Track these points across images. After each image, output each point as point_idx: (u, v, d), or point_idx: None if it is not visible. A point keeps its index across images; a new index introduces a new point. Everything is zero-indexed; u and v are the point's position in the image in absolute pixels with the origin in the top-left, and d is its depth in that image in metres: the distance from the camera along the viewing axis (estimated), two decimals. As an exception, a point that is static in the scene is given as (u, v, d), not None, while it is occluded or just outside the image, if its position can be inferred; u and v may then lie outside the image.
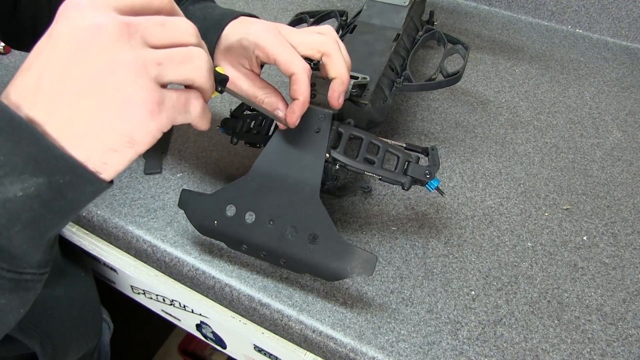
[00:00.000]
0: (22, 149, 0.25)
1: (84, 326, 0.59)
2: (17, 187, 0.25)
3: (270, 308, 0.46)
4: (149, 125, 0.27)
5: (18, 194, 0.25)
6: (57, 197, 0.26)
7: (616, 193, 0.58)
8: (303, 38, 0.41)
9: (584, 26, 0.85)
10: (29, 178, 0.25)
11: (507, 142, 0.64)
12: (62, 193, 0.26)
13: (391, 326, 0.44)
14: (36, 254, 0.28)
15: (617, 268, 0.50)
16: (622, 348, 0.44)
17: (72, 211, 0.28)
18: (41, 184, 0.26)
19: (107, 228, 0.53)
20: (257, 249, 0.44)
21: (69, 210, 0.28)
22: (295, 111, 0.41)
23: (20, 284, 0.28)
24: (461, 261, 0.50)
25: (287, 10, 0.86)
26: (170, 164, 0.58)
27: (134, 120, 0.27)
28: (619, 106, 0.71)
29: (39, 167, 0.25)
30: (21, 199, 0.25)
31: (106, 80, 0.26)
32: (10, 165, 0.25)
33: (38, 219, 0.26)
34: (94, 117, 0.26)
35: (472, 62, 0.77)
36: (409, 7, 0.63)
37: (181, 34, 0.29)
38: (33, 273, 0.28)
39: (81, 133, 0.26)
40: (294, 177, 0.44)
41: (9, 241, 0.26)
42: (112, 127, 0.26)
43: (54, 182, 0.26)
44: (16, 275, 0.27)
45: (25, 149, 0.25)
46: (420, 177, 0.44)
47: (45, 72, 0.26)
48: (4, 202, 0.25)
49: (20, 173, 0.25)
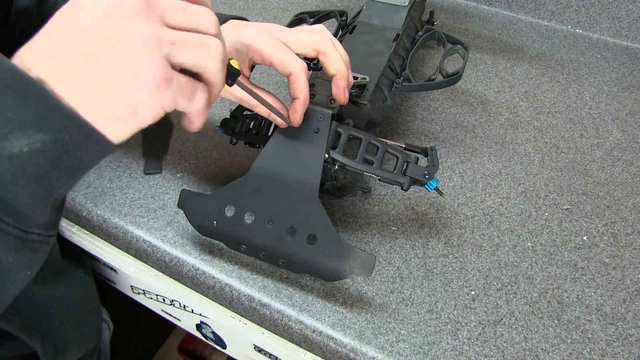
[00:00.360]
0: (29, 105, 0.25)
1: (84, 326, 0.59)
2: (22, 143, 0.25)
3: (270, 308, 0.46)
4: (153, 100, 0.28)
5: (24, 149, 0.25)
6: (63, 154, 0.27)
7: (616, 193, 0.58)
8: (296, 37, 0.42)
9: (584, 26, 0.85)
10: (35, 134, 0.25)
11: (507, 142, 0.64)
12: (68, 150, 0.27)
13: (391, 326, 0.44)
14: (42, 213, 0.28)
15: (617, 268, 0.50)
16: (622, 348, 0.44)
17: (78, 170, 0.28)
18: (47, 140, 0.26)
19: (107, 228, 0.53)
20: (256, 249, 0.44)
21: (75, 169, 0.28)
22: (298, 110, 0.42)
23: (26, 243, 0.28)
24: (461, 261, 0.50)
25: (287, 10, 0.86)
26: (170, 164, 0.58)
27: (140, 92, 0.27)
28: (619, 106, 0.71)
29: (46, 124, 0.26)
30: (27, 155, 0.25)
31: (120, 50, 0.27)
32: (17, 121, 0.25)
33: (43, 175, 0.26)
34: (104, 83, 0.27)
35: (472, 62, 0.77)
36: (409, 7, 0.63)
37: (200, 22, 0.30)
38: (39, 234, 0.28)
39: (89, 97, 0.27)
40: (293, 177, 0.44)
41: (14, 196, 0.26)
42: (118, 95, 0.27)
43: (60, 138, 0.26)
44: (22, 234, 0.27)
45: (33, 105, 0.25)
46: (420, 178, 0.44)
47: (62, 38, 0.27)
48: (10, 157, 0.25)
49: (26, 129, 0.25)
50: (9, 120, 0.25)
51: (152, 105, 0.28)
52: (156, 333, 1.26)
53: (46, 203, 0.28)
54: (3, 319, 0.45)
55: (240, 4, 0.88)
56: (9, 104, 0.25)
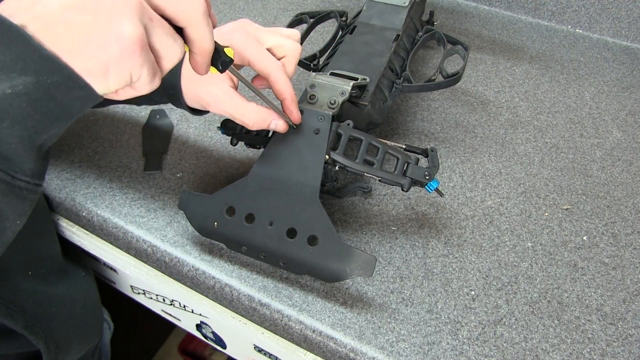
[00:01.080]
0: (10, 49, 0.26)
1: (85, 325, 0.60)
2: (5, 85, 0.26)
3: (270, 308, 0.46)
4: (125, 62, 0.28)
5: (7, 91, 0.26)
6: (46, 97, 0.27)
7: (616, 193, 0.58)
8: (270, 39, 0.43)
9: (584, 26, 0.85)
10: (17, 77, 0.26)
11: (507, 142, 0.64)
12: (50, 93, 0.27)
13: (391, 326, 0.44)
14: (27, 159, 0.29)
15: (617, 268, 0.50)
16: (622, 348, 0.44)
17: (61, 116, 0.29)
18: (29, 83, 0.26)
19: (107, 228, 0.53)
20: (256, 250, 0.44)
21: (58, 115, 0.29)
22: (292, 110, 0.43)
23: (13, 189, 0.28)
24: (461, 261, 0.50)
25: (287, 10, 0.86)
26: (170, 164, 0.58)
27: (115, 51, 0.28)
28: (619, 106, 0.71)
29: (27, 67, 0.26)
30: (9, 96, 0.26)
31: (103, 6, 0.27)
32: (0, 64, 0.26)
33: (26, 117, 0.27)
34: (82, 36, 0.27)
35: (472, 62, 0.77)
36: (409, 8, 0.63)
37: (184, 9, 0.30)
38: (27, 182, 0.29)
39: (67, 47, 0.27)
40: (293, 178, 0.44)
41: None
42: (95, 50, 0.28)
43: (41, 81, 0.27)
44: (9, 178, 0.28)
45: (14, 49, 0.26)
46: (420, 179, 0.44)
47: None
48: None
49: (9, 72, 0.26)
50: None
51: (123, 67, 0.28)
52: (156, 333, 1.26)
53: (31, 148, 0.28)
54: (8, 317, 0.45)
55: (240, 4, 0.88)
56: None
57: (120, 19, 0.27)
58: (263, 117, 0.43)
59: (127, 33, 0.27)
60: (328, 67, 0.55)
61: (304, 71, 0.62)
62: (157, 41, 0.30)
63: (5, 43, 0.26)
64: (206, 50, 0.32)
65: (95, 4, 0.27)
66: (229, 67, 0.35)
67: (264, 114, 0.43)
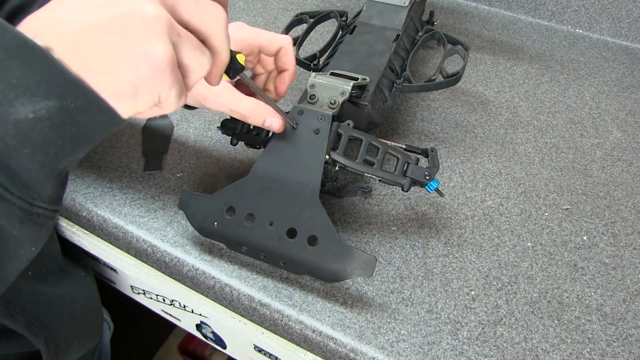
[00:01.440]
0: (34, 71, 0.25)
1: (85, 325, 0.60)
2: (28, 109, 0.25)
3: (270, 308, 0.46)
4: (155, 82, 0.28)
5: (29, 115, 0.25)
6: (68, 122, 0.26)
7: (616, 193, 0.58)
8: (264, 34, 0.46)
9: (584, 26, 0.85)
10: (41, 100, 0.25)
11: (507, 142, 0.64)
12: (73, 118, 0.26)
13: (391, 326, 0.44)
14: (47, 185, 0.28)
15: (617, 268, 0.50)
16: (622, 348, 0.44)
17: (83, 141, 0.28)
18: (52, 107, 0.26)
19: (107, 228, 0.53)
20: (257, 250, 0.44)
21: (80, 140, 0.28)
22: (286, 81, 0.45)
23: (31, 216, 0.27)
24: (461, 261, 0.50)
25: (287, 10, 0.86)
26: (170, 164, 0.58)
27: (145, 72, 0.27)
28: (619, 106, 0.71)
29: (51, 90, 0.25)
30: (32, 121, 0.25)
31: (132, 27, 0.27)
32: (22, 87, 0.25)
33: (48, 143, 0.26)
34: (111, 57, 0.27)
35: (472, 62, 0.77)
36: (409, 8, 0.63)
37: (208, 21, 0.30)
38: (44, 208, 0.28)
39: (95, 70, 0.27)
40: (293, 178, 0.44)
41: (19, 164, 0.26)
42: (124, 72, 0.27)
43: (65, 105, 0.26)
44: (27, 206, 0.27)
45: (38, 72, 0.25)
46: (420, 179, 0.44)
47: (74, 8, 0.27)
48: (15, 123, 0.25)
49: (31, 95, 0.25)
50: (14, 86, 0.25)
51: (153, 87, 0.28)
52: (156, 333, 1.26)
53: (51, 174, 0.28)
54: (8, 317, 0.45)
55: (240, 3, 0.88)
56: (14, 70, 0.25)
57: (150, 38, 0.27)
58: (260, 110, 0.43)
59: (157, 53, 0.27)
60: (328, 67, 0.55)
61: (304, 71, 0.61)
62: (185, 57, 0.29)
63: (29, 65, 0.25)
64: (223, 61, 0.32)
65: (124, 22, 0.27)
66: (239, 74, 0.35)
67: (261, 108, 0.43)
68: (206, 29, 0.30)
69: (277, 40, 0.45)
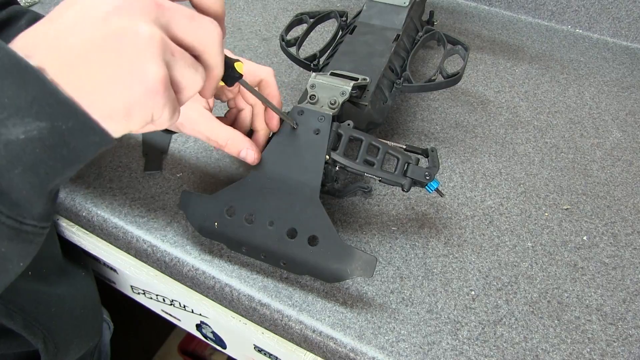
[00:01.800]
0: (27, 91, 0.25)
1: (85, 325, 0.60)
2: (19, 130, 0.25)
3: (270, 308, 0.46)
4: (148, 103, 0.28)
5: (20, 136, 0.25)
6: (60, 143, 0.26)
7: (616, 193, 0.58)
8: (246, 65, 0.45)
9: (584, 26, 0.85)
10: (32, 122, 0.25)
11: (507, 142, 0.64)
12: (64, 139, 0.26)
13: (391, 326, 0.44)
14: (37, 204, 0.28)
15: (617, 268, 0.50)
16: (622, 348, 0.44)
17: (74, 161, 0.28)
18: (43, 128, 0.25)
19: (107, 228, 0.53)
20: (257, 250, 0.44)
21: (72, 160, 0.28)
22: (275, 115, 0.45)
23: (20, 234, 0.27)
24: (461, 261, 0.50)
25: (287, 10, 0.86)
26: (170, 164, 0.58)
27: (138, 92, 0.27)
28: (619, 106, 0.71)
29: (43, 111, 0.25)
30: (23, 142, 0.25)
31: (125, 47, 0.27)
32: (14, 107, 0.25)
33: (39, 163, 0.26)
34: (105, 78, 0.27)
35: (472, 62, 0.77)
36: (409, 8, 0.63)
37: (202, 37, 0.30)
38: (34, 225, 0.28)
39: (88, 90, 0.26)
40: (294, 178, 0.44)
41: (9, 184, 0.26)
42: (117, 92, 0.27)
43: (56, 127, 0.26)
44: (16, 224, 0.27)
45: (30, 92, 0.25)
46: (420, 179, 0.44)
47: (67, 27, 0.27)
48: (6, 144, 0.25)
49: (23, 116, 0.25)
50: (6, 106, 0.25)
51: (146, 108, 0.28)
52: (156, 333, 1.26)
53: (41, 193, 0.28)
54: (7, 317, 0.45)
55: (240, 3, 0.88)
56: (6, 89, 0.25)
57: (143, 59, 0.27)
58: (237, 141, 0.44)
59: (151, 74, 0.27)
60: (328, 67, 0.55)
61: (304, 71, 0.62)
62: (179, 74, 0.29)
63: (21, 85, 0.25)
64: (217, 76, 0.32)
65: (117, 42, 0.26)
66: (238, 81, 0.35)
67: (239, 139, 0.44)
68: (199, 45, 0.30)
69: (257, 72, 0.45)
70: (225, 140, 0.43)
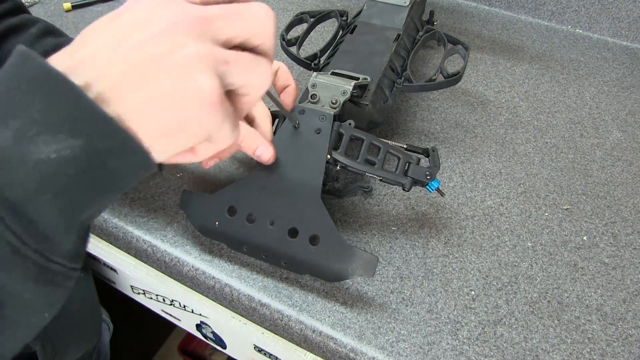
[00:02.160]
0: (60, 106, 0.23)
1: (83, 326, 0.59)
2: (51, 149, 0.23)
3: (270, 308, 0.46)
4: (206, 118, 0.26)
5: (51, 155, 0.23)
6: (96, 164, 0.24)
7: (616, 193, 0.58)
8: None
9: (584, 26, 0.85)
10: (65, 139, 0.23)
11: (507, 142, 0.64)
12: (101, 160, 0.24)
13: (391, 326, 0.44)
14: (67, 239, 0.25)
15: (617, 268, 0.50)
16: (622, 348, 0.44)
17: (111, 188, 0.25)
18: (77, 147, 0.23)
19: (107, 228, 0.53)
20: (258, 250, 0.44)
21: (108, 186, 0.25)
22: (292, 94, 0.47)
23: (47, 274, 0.24)
24: (461, 261, 0.50)
25: (287, 10, 0.86)
26: (170, 164, 0.58)
27: (195, 108, 0.25)
28: (619, 106, 0.71)
29: (77, 127, 0.23)
30: (55, 162, 0.23)
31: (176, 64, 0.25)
32: (46, 123, 0.23)
33: (72, 187, 0.24)
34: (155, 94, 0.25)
35: (472, 62, 0.77)
36: (409, 8, 0.63)
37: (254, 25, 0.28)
38: (62, 265, 0.25)
39: (137, 107, 0.25)
40: (295, 178, 0.44)
41: (37, 212, 0.23)
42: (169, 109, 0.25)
43: (92, 145, 0.23)
44: (43, 261, 0.24)
45: (64, 106, 0.23)
46: (421, 178, 0.44)
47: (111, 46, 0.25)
48: (36, 164, 0.22)
49: (55, 133, 0.23)
50: (36, 122, 0.23)
51: (202, 122, 0.26)
52: (156, 333, 1.26)
53: (72, 225, 0.25)
54: None
55: (240, 3, 0.87)
56: (37, 104, 0.23)
57: (194, 73, 0.25)
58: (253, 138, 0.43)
59: (204, 86, 0.25)
60: (329, 67, 0.55)
61: (305, 71, 0.62)
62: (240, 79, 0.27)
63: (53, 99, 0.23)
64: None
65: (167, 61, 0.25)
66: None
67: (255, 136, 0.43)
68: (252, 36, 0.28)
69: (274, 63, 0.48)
70: (241, 137, 0.42)
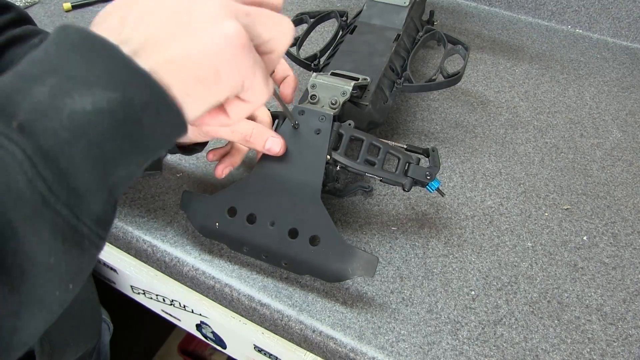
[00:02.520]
0: (96, 62, 0.23)
1: (82, 326, 0.59)
2: (87, 100, 0.23)
3: (270, 308, 0.46)
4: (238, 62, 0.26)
5: (87, 107, 0.23)
6: (131, 118, 0.24)
7: (616, 193, 0.58)
8: None
9: (584, 26, 0.85)
10: (102, 92, 0.23)
11: (507, 142, 0.64)
12: (136, 114, 0.24)
13: (391, 326, 0.44)
14: (97, 198, 0.24)
15: (617, 268, 0.50)
16: (622, 348, 0.44)
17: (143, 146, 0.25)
18: (113, 100, 0.23)
19: (108, 228, 0.53)
20: (258, 250, 0.44)
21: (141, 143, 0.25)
22: (292, 85, 0.46)
23: (75, 234, 0.23)
24: (461, 261, 0.50)
25: (287, 10, 0.86)
26: (170, 164, 0.58)
27: (226, 52, 0.26)
28: (619, 106, 0.71)
29: (113, 80, 0.23)
30: (90, 113, 0.23)
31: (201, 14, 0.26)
32: (82, 78, 0.23)
33: (106, 140, 0.23)
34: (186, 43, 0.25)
35: (472, 62, 0.77)
36: (409, 8, 0.63)
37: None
38: (90, 228, 0.24)
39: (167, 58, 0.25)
40: (295, 178, 0.44)
41: (70, 162, 0.22)
42: (200, 56, 0.25)
43: (128, 99, 0.24)
44: (73, 219, 0.23)
45: (100, 63, 0.23)
46: (421, 179, 0.44)
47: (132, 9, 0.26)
48: (70, 114, 0.22)
49: (91, 86, 0.23)
50: (72, 78, 0.23)
51: (233, 67, 0.26)
52: (156, 333, 1.26)
53: (104, 182, 0.24)
54: None
55: (240, 3, 0.87)
56: (73, 62, 0.23)
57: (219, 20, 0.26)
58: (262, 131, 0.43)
59: (229, 28, 0.26)
60: (329, 67, 0.55)
61: (304, 71, 0.61)
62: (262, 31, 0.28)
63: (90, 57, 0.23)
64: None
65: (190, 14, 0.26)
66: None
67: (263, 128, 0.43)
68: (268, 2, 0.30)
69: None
70: (250, 130, 0.42)
